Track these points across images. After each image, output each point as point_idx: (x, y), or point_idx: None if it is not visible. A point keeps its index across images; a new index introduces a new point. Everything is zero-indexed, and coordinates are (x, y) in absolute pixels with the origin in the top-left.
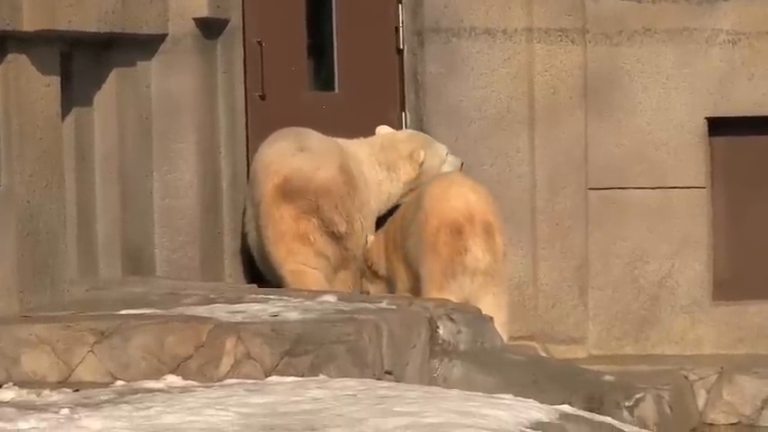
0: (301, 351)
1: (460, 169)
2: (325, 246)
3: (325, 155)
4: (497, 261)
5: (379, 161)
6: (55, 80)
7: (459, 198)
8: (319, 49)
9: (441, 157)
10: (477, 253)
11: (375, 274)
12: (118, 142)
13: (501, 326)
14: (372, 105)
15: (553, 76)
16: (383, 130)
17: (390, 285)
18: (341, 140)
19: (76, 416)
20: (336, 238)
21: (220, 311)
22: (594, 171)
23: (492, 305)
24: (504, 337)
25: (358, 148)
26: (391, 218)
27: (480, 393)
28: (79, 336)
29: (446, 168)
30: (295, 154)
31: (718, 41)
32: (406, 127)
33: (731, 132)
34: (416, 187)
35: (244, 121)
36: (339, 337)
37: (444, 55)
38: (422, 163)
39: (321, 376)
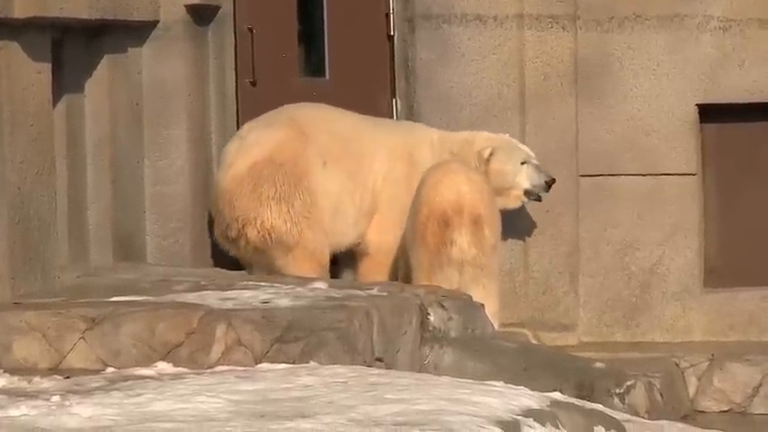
0: (292, 338)
1: (547, 188)
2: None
3: (253, 146)
4: (485, 254)
5: (451, 151)
6: (46, 67)
7: (451, 188)
8: (310, 35)
9: (514, 162)
10: (463, 245)
11: None
12: (109, 129)
13: (492, 315)
14: (363, 92)
15: (544, 62)
16: (475, 132)
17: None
18: (410, 123)
19: (67, 403)
20: (233, 242)
21: (211, 298)
22: (585, 158)
23: (482, 295)
24: (496, 325)
25: (429, 133)
26: None
27: (471, 380)
28: (70, 323)
29: (521, 180)
30: (234, 140)
31: (709, 28)
32: (396, 113)
33: (722, 119)
34: (501, 197)
35: (235, 107)
36: (330, 324)
37: (435, 41)
38: (487, 161)
39: (312, 363)
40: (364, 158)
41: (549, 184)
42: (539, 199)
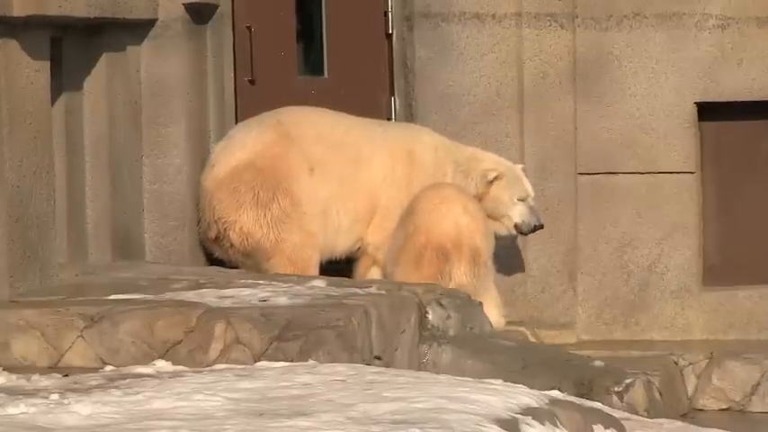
0: (290, 336)
1: (533, 231)
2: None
3: (237, 148)
4: (480, 279)
5: (454, 160)
6: (45, 65)
7: (450, 219)
8: (309, 33)
9: (511, 196)
10: (462, 280)
11: None
12: (107, 127)
13: (495, 311)
14: (362, 90)
15: (542, 60)
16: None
17: None
18: (410, 124)
19: (66, 401)
20: (214, 242)
21: (210, 296)
22: (584, 156)
23: (485, 307)
24: (502, 322)
25: (434, 138)
26: None
27: (469, 378)
28: (69, 321)
29: (513, 214)
30: (220, 141)
31: (707, 26)
32: (395, 112)
33: (721, 117)
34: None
35: (233, 106)
36: (328, 323)
37: (433, 39)
38: (490, 182)
39: (310, 361)
40: (361, 163)
41: (537, 228)
42: (523, 234)
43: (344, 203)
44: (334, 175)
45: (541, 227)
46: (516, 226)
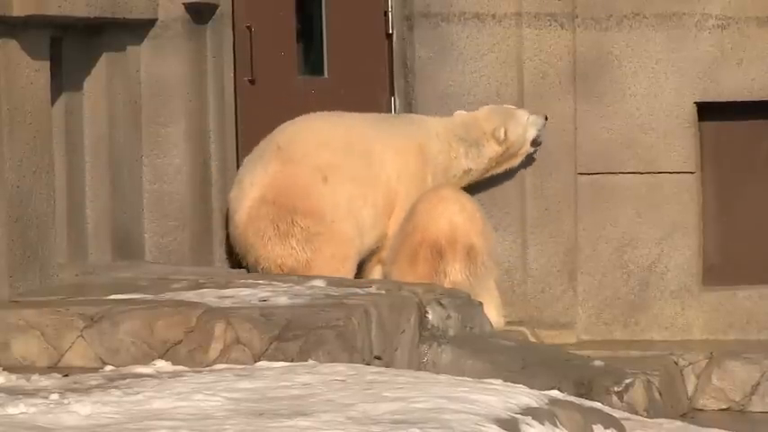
0: (290, 336)
1: (544, 123)
2: None
3: (247, 189)
4: (478, 278)
5: (459, 137)
6: (44, 65)
7: (445, 218)
8: (309, 33)
9: (522, 125)
10: (456, 278)
11: None
12: (107, 127)
13: (495, 315)
14: (362, 90)
15: (542, 60)
16: (461, 113)
17: None
18: (409, 115)
19: (66, 401)
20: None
21: (210, 296)
22: (584, 156)
23: (484, 302)
24: (502, 322)
25: (432, 123)
26: None
27: (469, 378)
28: (69, 321)
29: (531, 133)
30: (234, 187)
31: (707, 26)
32: (395, 111)
33: (720, 117)
34: (510, 160)
35: (233, 105)
36: (328, 323)
37: (433, 39)
38: (504, 139)
39: (310, 361)
40: (371, 159)
41: (546, 119)
42: (539, 143)
43: (365, 200)
44: (347, 177)
45: (546, 118)
46: (534, 141)
